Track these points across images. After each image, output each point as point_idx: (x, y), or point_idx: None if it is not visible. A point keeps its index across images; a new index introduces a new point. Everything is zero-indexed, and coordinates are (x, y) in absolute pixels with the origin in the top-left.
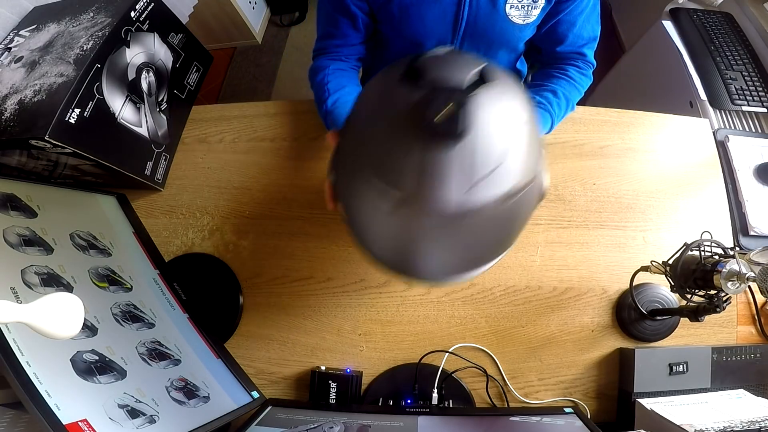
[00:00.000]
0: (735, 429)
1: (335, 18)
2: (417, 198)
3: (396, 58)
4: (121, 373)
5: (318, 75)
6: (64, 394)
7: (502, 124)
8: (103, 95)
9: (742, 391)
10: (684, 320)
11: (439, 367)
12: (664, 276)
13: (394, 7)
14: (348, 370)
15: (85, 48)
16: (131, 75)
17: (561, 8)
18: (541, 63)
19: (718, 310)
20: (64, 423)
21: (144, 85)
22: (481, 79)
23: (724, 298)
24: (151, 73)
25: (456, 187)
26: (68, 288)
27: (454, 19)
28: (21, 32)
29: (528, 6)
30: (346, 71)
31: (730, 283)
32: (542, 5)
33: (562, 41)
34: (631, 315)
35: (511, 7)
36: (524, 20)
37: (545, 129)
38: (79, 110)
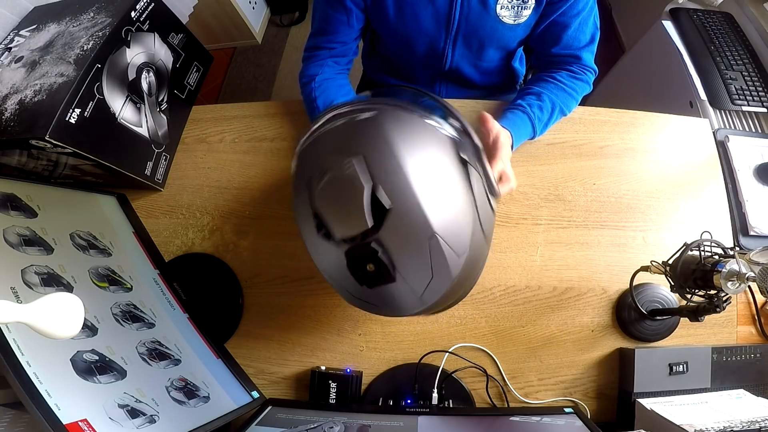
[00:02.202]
0: (735, 429)
1: (329, 14)
2: (388, 310)
3: (392, 55)
4: (121, 373)
5: (307, 87)
6: (64, 394)
7: (418, 239)
8: (103, 95)
9: (742, 391)
10: (684, 320)
11: (439, 367)
12: (664, 276)
13: (388, 6)
14: (348, 370)
15: (85, 48)
16: (131, 75)
17: (553, 9)
18: (538, 67)
19: (718, 310)
20: (64, 423)
21: (144, 85)
22: (381, 211)
23: (724, 298)
24: (151, 73)
25: (411, 301)
26: (68, 288)
27: (446, 19)
28: (21, 32)
29: (518, 6)
30: (333, 79)
31: (730, 283)
32: (533, 6)
33: (556, 42)
34: (631, 315)
35: (501, 8)
36: (515, 20)
37: (526, 134)
38: (80, 110)
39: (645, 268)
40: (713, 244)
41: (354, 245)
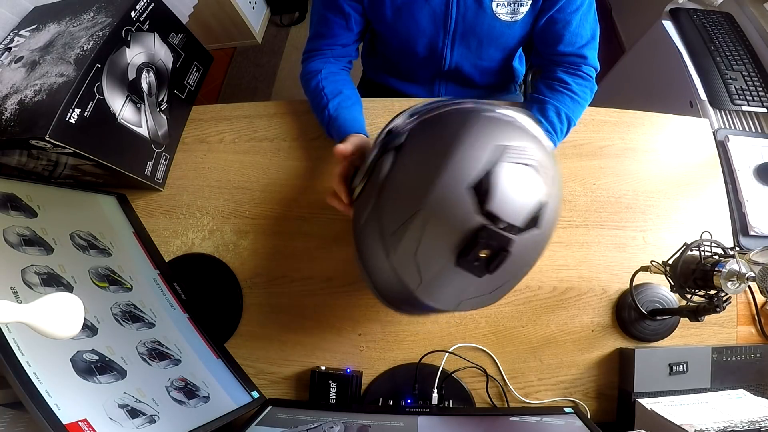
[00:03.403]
0: (735, 429)
1: (327, 18)
2: (426, 288)
3: (391, 55)
4: (121, 373)
5: (312, 81)
6: (64, 394)
7: (523, 264)
8: (103, 95)
9: (742, 391)
10: (684, 320)
11: (439, 367)
12: (664, 276)
13: (386, 7)
14: (348, 370)
15: (85, 48)
16: (131, 75)
17: (551, 5)
18: (543, 68)
19: (718, 310)
20: (64, 423)
21: (144, 85)
22: (532, 223)
23: (724, 298)
24: (151, 73)
25: (452, 301)
26: (68, 288)
27: (443, 19)
28: (21, 32)
29: (514, 3)
30: (338, 74)
31: (730, 283)
32: (529, 3)
33: (559, 41)
34: (631, 315)
35: (497, 5)
36: (512, 17)
37: None
38: (80, 110)
39: (645, 268)
40: (713, 244)
41: (494, 227)
